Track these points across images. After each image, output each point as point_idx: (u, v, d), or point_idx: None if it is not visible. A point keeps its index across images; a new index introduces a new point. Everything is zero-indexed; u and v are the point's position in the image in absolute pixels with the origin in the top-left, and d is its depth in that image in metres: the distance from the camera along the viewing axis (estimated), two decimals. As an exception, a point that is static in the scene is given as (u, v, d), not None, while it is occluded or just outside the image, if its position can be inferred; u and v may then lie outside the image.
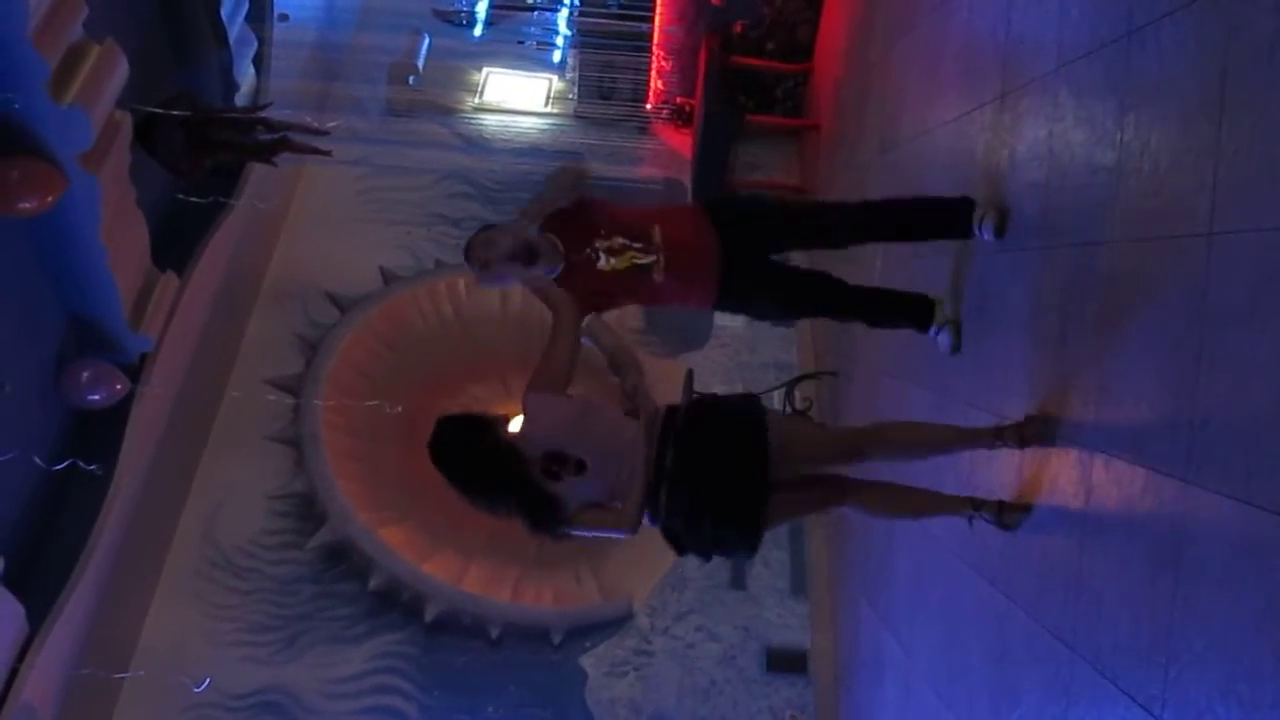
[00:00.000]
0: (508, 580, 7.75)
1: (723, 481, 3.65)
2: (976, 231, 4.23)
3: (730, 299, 4.40)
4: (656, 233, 4.14)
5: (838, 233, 4.60)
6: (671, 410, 3.76)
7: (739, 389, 7.19)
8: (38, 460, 5.69)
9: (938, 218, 4.39)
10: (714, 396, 3.96)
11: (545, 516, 3.65)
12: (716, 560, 7.72)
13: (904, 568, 5.70)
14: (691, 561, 7.77)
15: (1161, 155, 3.06)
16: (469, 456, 3.67)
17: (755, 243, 4.33)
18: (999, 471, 4.11)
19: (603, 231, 4.10)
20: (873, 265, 6.47)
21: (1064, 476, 3.53)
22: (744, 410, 3.82)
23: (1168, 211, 2.99)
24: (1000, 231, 4.15)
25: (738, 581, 7.86)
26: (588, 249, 4.07)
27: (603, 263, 4.08)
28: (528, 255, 4.03)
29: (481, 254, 4.05)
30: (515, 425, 3.78)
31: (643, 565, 7.87)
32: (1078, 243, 3.59)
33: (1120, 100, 3.33)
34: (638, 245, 4.11)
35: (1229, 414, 2.63)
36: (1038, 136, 4.01)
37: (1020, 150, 4.18)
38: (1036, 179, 3.98)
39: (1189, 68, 2.93)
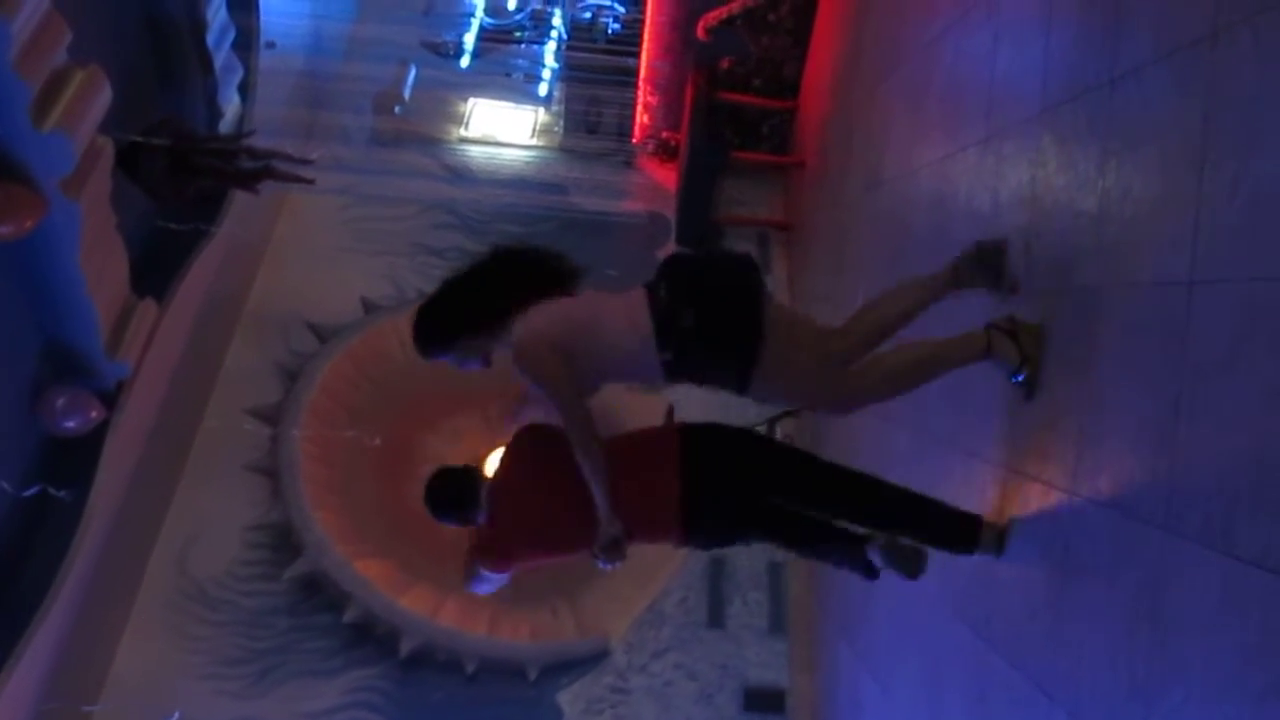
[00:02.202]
0: (484, 615, 7.68)
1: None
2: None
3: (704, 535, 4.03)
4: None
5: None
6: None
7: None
8: (6, 486, 5.63)
9: (938, 529, 3.93)
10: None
11: None
12: (696, 594, 7.76)
13: (883, 608, 5.67)
14: (670, 599, 7.78)
15: (1143, 202, 3.06)
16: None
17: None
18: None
19: None
20: (856, 295, 6.47)
21: (1043, 521, 3.52)
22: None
23: (1149, 259, 2.99)
24: (999, 549, 3.82)
25: (716, 619, 7.81)
26: None
27: None
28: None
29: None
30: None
31: (620, 601, 7.82)
32: (1058, 288, 3.59)
33: (1103, 146, 3.34)
34: None
35: (1208, 463, 2.62)
36: (1020, 180, 4.01)
37: (1003, 194, 4.19)
38: (1019, 223, 3.98)
39: (1171, 116, 2.94)
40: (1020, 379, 3.73)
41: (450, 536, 8.13)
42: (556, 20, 11.22)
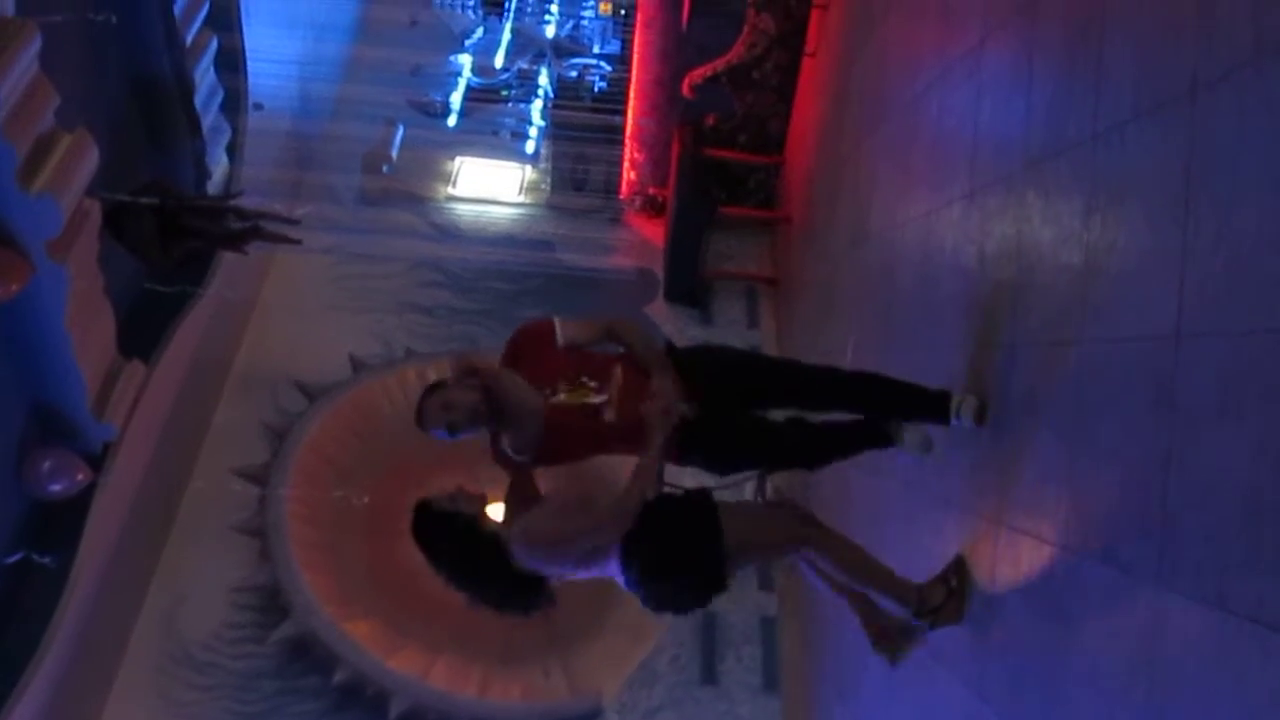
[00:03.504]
0: (475, 675, 7.61)
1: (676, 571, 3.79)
2: (954, 420, 4.08)
3: (690, 454, 4.14)
4: (618, 373, 3.94)
5: (811, 399, 4.34)
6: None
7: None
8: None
9: (916, 404, 4.23)
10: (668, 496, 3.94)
11: (525, 597, 3.73)
12: (688, 650, 7.70)
13: (877, 665, 5.60)
14: (662, 656, 7.72)
15: (1128, 256, 3.07)
16: (452, 549, 3.70)
17: (721, 400, 4.08)
18: (972, 567, 4.07)
19: (567, 373, 3.92)
20: (845, 349, 6.49)
21: (1036, 576, 3.50)
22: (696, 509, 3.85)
23: (1135, 313, 2.99)
24: (980, 418, 4.02)
25: (709, 676, 7.74)
26: (548, 389, 3.89)
27: (556, 398, 3.89)
28: (491, 412, 3.86)
29: (442, 418, 3.82)
30: (496, 512, 3.83)
31: (612, 660, 7.75)
32: (1046, 342, 3.59)
33: (1086, 201, 3.36)
34: (593, 384, 3.91)
35: (1200, 516, 2.61)
36: (1006, 235, 4.03)
37: (989, 248, 4.21)
38: (1005, 277, 3.99)
39: (1154, 170, 2.96)
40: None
41: (441, 597, 8.08)
42: (543, 79, 11.33)
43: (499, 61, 11.42)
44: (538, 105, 11.31)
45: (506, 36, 11.50)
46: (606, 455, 4.02)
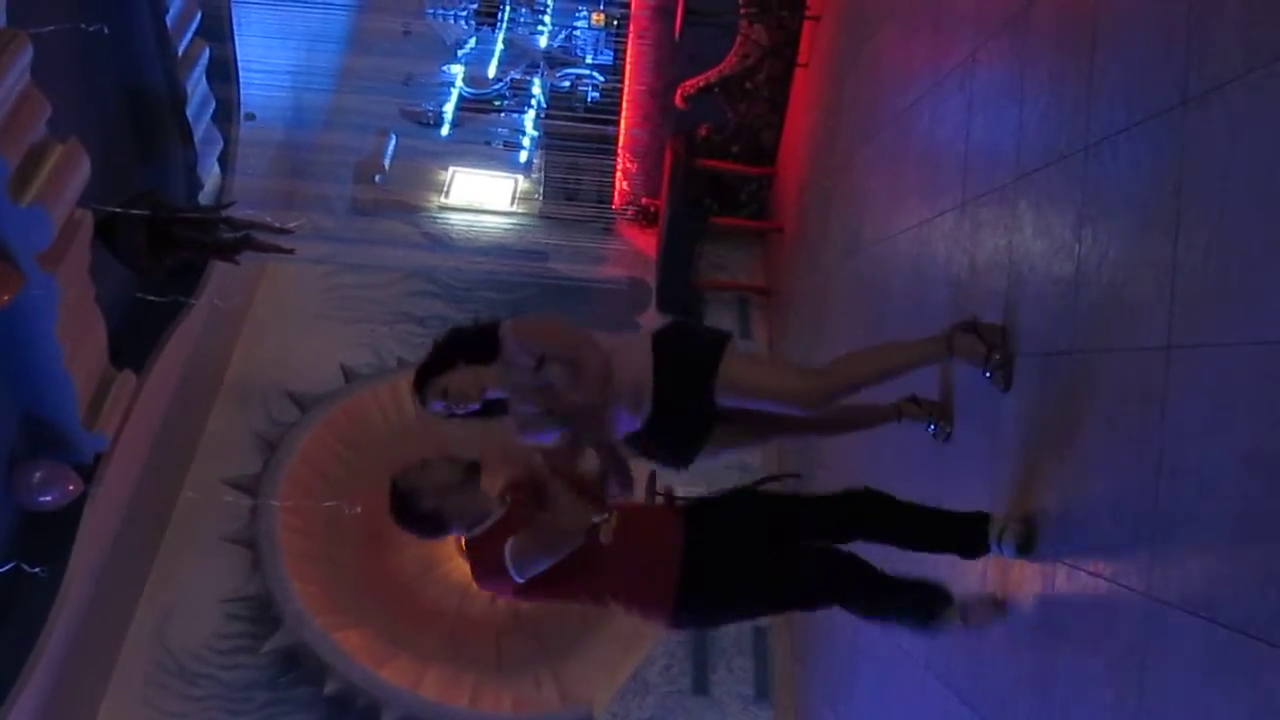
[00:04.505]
0: (466, 685, 7.59)
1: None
2: (995, 547, 3.60)
3: (693, 621, 3.94)
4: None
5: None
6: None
7: (703, 488, 7.12)
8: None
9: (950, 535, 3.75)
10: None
11: None
12: (680, 661, 7.69)
13: (869, 675, 5.62)
14: (654, 667, 7.70)
15: (1119, 268, 3.08)
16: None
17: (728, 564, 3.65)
18: (963, 576, 4.07)
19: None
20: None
21: (1028, 587, 3.50)
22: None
23: (1126, 324, 3.00)
24: (1027, 547, 3.50)
25: (701, 686, 7.73)
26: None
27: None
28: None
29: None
30: None
31: (604, 670, 7.73)
32: (1038, 353, 3.60)
33: (1078, 212, 3.37)
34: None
35: (1190, 527, 2.61)
36: (997, 246, 4.04)
37: (980, 259, 4.22)
38: (997, 288, 4.00)
39: (1145, 182, 2.97)
40: (990, 375, 3.78)
41: (432, 607, 8.06)
42: (536, 89, 11.33)
43: (492, 72, 11.41)
44: (530, 115, 11.31)
45: (499, 47, 11.49)
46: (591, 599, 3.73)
